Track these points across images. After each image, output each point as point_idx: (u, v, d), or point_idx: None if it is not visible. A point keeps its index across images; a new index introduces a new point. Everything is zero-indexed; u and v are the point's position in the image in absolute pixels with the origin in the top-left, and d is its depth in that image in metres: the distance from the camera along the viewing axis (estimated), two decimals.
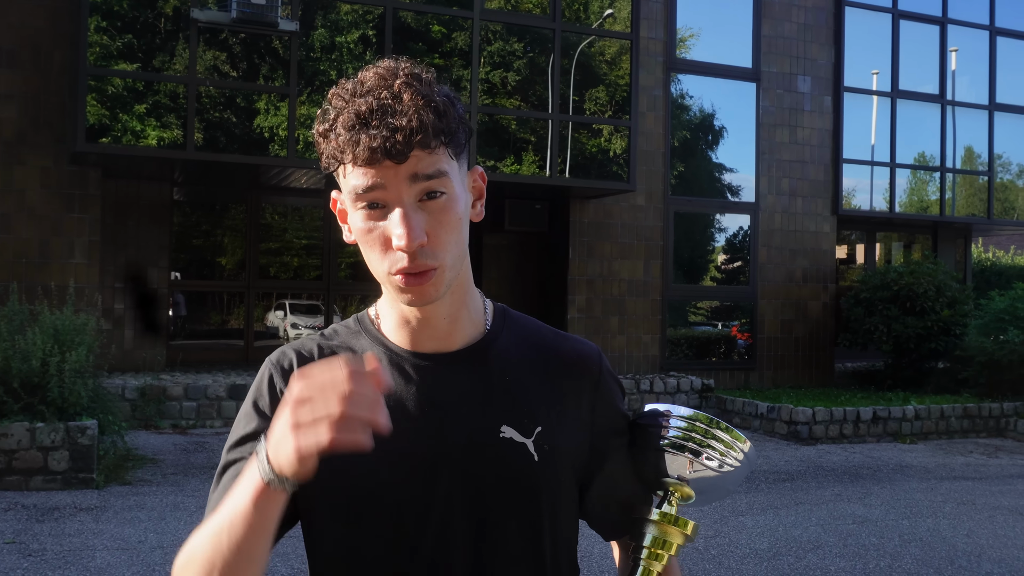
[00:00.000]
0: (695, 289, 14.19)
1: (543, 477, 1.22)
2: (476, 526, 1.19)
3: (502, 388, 1.24)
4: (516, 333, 1.30)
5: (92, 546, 5.49)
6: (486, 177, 1.26)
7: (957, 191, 15.37)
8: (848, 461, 9.29)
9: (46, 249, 10.30)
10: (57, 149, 10.28)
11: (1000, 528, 6.65)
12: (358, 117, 1.10)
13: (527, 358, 1.29)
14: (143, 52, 9.79)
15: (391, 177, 1.11)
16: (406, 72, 1.14)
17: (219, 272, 12.87)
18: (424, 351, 1.24)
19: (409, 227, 1.10)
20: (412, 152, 1.09)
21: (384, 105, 1.10)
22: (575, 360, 1.32)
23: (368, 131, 1.09)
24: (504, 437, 1.21)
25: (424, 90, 1.12)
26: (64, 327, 7.26)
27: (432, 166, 1.12)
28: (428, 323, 1.22)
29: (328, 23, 10.38)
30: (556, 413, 1.26)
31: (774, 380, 13.50)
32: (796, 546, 6.00)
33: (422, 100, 1.11)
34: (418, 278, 1.13)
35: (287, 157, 10.12)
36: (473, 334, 1.26)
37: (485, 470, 1.20)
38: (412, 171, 1.11)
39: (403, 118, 1.09)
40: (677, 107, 13.48)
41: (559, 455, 1.24)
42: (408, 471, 1.18)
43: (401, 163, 1.10)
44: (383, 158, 1.09)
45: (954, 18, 14.88)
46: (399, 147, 1.08)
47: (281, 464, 1.01)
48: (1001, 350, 11.70)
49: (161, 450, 8.35)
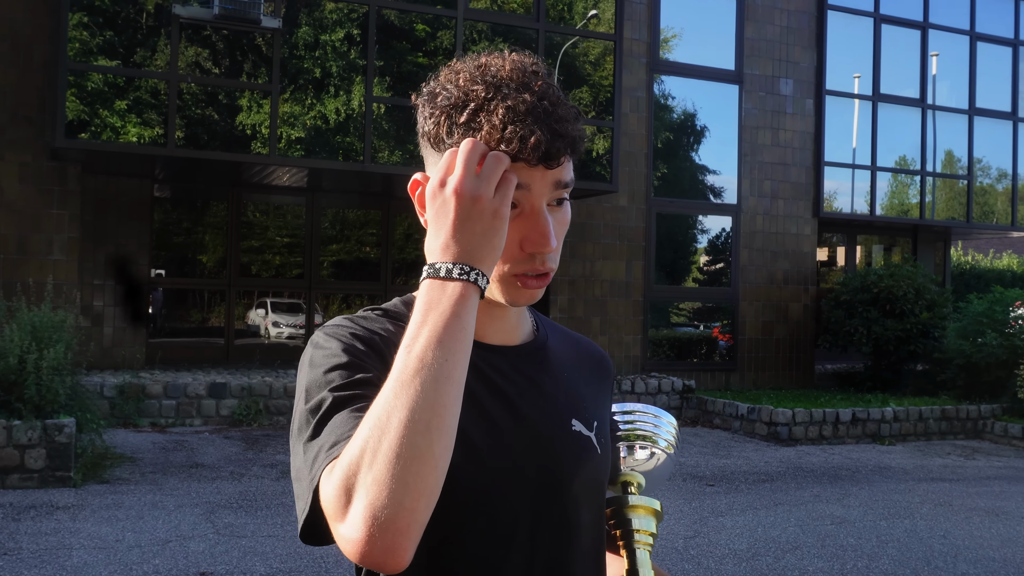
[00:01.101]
0: (677, 290, 14.23)
1: (604, 470, 1.28)
2: (559, 517, 1.19)
3: (563, 383, 1.26)
4: (553, 332, 1.33)
5: (69, 545, 5.45)
6: None
7: (937, 194, 15.49)
8: (827, 462, 9.34)
9: (25, 245, 10.21)
10: (36, 144, 10.20)
11: (976, 529, 6.71)
12: (526, 113, 1.07)
13: (571, 357, 1.32)
14: (124, 48, 9.72)
15: (538, 179, 1.10)
16: (542, 72, 1.13)
17: (200, 270, 12.80)
18: (492, 343, 1.22)
19: (553, 232, 1.12)
20: (563, 158, 1.10)
21: (546, 107, 1.08)
22: (600, 360, 1.39)
23: (537, 129, 1.06)
24: (575, 430, 1.23)
25: (563, 96, 1.12)
26: (42, 324, 7.20)
27: (569, 175, 1.13)
28: (503, 317, 1.23)
29: (312, 21, 10.35)
30: (599, 410, 1.31)
31: (755, 381, 13.56)
32: (775, 547, 6.03)
33: (570, 108, 1.11)
34: (540, 280, 1.15)
35: (269, 155, 10.07)
36: (527, 331, 1.28)
37: (562, 461, 1.20)
38: (557, 177, 1.11)
39: (567, 124, 1.09)
40: (660, 108, 13.52)
41: (608, 451, 1.29)
42: (496, 464, 1.15)
43: (552, 168, 1.10)
44: (542, 160, 1.08)
45: (935, 23, 14.99)
46: (558, 152, 1.08)
47: (481, 244, 1.04)
48: (979, 353, 11.80)
49: (140, 448, 8.30)
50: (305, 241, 12.78)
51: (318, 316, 12.64)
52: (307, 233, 12.75)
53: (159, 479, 7.22)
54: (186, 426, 9.50)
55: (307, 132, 10.29)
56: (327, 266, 12.98)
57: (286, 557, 5.34)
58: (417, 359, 0.98)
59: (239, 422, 9.63)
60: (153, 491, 6.83)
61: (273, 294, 12.93)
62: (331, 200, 12.95)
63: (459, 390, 0.99)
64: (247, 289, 12.66)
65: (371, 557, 0.94)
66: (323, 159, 10.42)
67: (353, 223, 13.45)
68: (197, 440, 8.84)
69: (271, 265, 12.98)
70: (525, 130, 1.05)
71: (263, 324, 12.80)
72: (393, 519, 0.92)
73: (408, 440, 0.94)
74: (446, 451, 0.97)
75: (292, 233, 13.05)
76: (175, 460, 7.92)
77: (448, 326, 1.00)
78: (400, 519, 0.93)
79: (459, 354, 1.00)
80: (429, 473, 0.94)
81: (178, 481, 7.18)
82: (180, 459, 7.97)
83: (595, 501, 1.25)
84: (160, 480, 7.19)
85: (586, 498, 1.22)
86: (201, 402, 9.63)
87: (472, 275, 1.03)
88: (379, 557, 0.94)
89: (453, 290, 1.02)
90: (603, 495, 1.28)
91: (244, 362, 11.86)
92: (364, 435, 0.95)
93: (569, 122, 1.10)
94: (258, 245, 12.85)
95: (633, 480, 1.42)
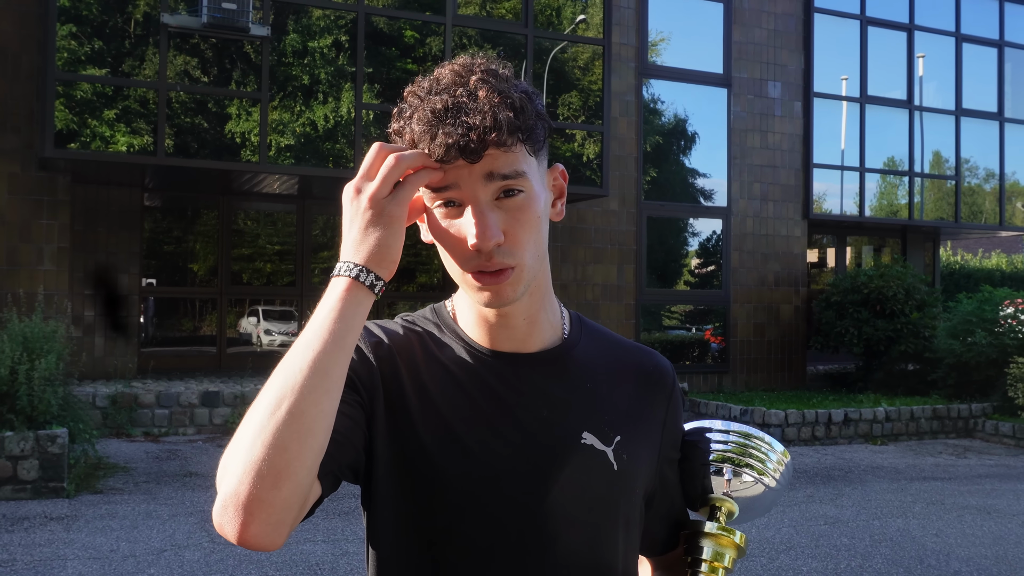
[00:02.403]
0: (668, 293, 14.27)
1: (621, 487, 1.21)
2: (550, 531, 1.16)
3: (583, 394, 1.22)
4: (594, 341, 1.29)
5: (63, 556, 5.44)
6: (567, 175, 1.23)
7: (925, 195, 15.57)
8: (820, 463, 9.37)
9: (14, 255, 10.18)
10: (25, 154, 10.18)
11: (968, 528, 6.74)
12: (433, 115, 1.08)
13: (606, 367, 1.27)
14: (113, 57, 9.71)
15: (465, 176, 1.09)
16: (482, 68, 1.11)
17: (191, 278, 12.78)
18: (503, 350, 1.21)
19: (484, 226, 1.08)
20: (487, 151, 1.07)
21: (459, 103, 1.08)
22: (652, 373, 1.31)
23: (443, 129, 1.07)
24: (585, 443, 1.19)
25: (500, 86, 1.10)
26: (33, 334, 7.18)
27: (509, 165, 1.09)
28: (507, 323, 1.20)
29: (300, 28, 10.36)
30: (633, 425, 1.25)
31: (747, 383, 13.60)
32: (769, 547, 6.05)
33: (498, 97, 1.08)
34: (494, 277, 1.11)
35: (259, 162, 10.07)
36: (552, 338, 1.24)
37: (564, 474, 1.17)
38: (487, 170, 1.09)
39: (478, 116, 1.06)
40: (649, 112, 13.56)
41: (636, 467, 1.23)
42: (486, 469, 1.15)
43: (475, 162, 1.08)
44: (457, 156, 1.07)
45: (921, 25, 15.09)
46: (473, 145, 1.06)
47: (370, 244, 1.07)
48: (969, 352, 11.86)
49: (133, 458, 8.27)
50: (296, 248, 12.77)
51: None
52: (298, 240, 12.74)
53: (153, 488, 7.20)
54: (179, 435, 9.48)
55: (297, 139, 10.29)
56: (318, 273, 12.98)
57: (281, 565, 5.33)
58: (292, 349, 1.05)
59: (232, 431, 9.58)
60: (147, 500, 6.81)
61: (265, 302, 12.92)
62: (322, 207, 12.95)
63: (328, 382, 1.02)
64: (239, 297, 12.65)
65: (224, 534, 1.00)
66: (313, 166, 10.42)
67: None
68: (190, 449, 8.82)
69: (262, 273, 12.97)
70: (432, 130, 1.07)
71: (255, 332, 12.79)
72: (236, 498, 0.98)
73: (259, 422, 1.00)
74: (298, 436, 0.99)
75: (283, 241, 13.05)
76: (169, 469, 7.90)
77: (324, 320, 1.05)
78: (245, 498, 0.97)
79: (331, 346, 1.03)
80: (276, 455, 0.98)
81: (172, 490, 7.16)
82: (174, 468, 7.95)
83: (603, 518, 1.20)
84: (154, 490, 7.17)
85: (588, 514, 1.18)
86: (194, 411, 9.61)
87: (355, 271, 1.07)
88: (232, 535, 0.99)
89: (335, 286, 1.08)
90: (620, 513, 1.21)
91: (237, 370, 11.85)
92: None
93: (496, 111, 1.07)
94: (249, 253, 12.84)
95: (722, 505, 1.32)
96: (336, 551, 5.64)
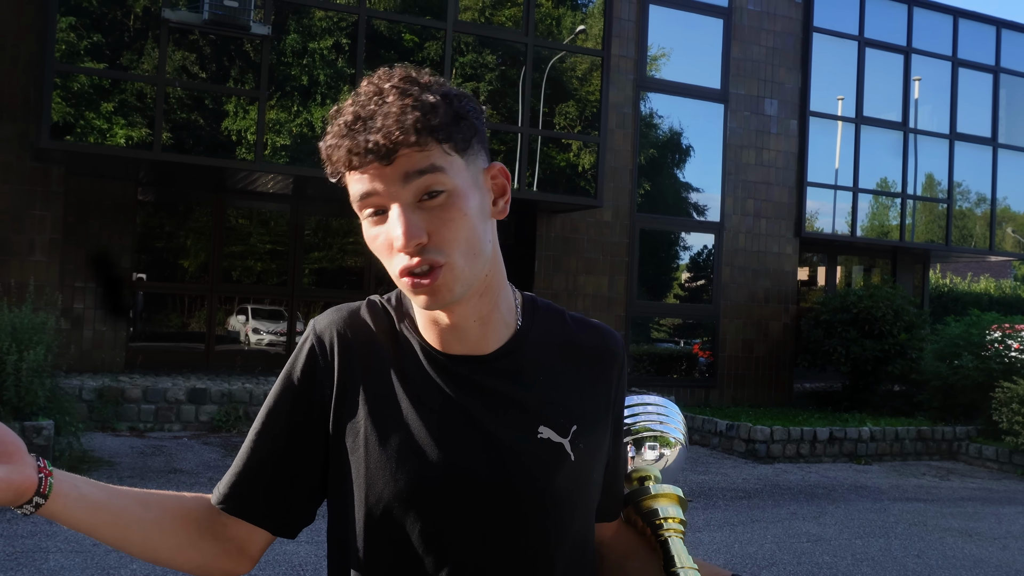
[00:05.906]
0: (658, 306, 14.30)
1: (579, 476, 1.22)
2: (513, 530, 1.17)
3: (536, 387, 1.22)
4: (545, 325, 1.28)
5: (45, 548, 5.41)
6: (508, 173, 1.20)
7: (917, 217, 15.65)
8: (804, 480, 9.40)
9: (5, 245, 10.14)
10: (20, 144, 10.15)
11: (949, 550, 6.77)
12: (345, 125, 1.09)
13: (557, 350, 1.27)
14: (111, 50, 9.70)
15: (382, 180, 1.09)
16: (400, 76, 1.12)
17: (182, 274, 12.75)
18: (455, 353, 1.21)
19: (405, 227, 1.08)
20: (399, 152, 1.07)
21: (370, 110, 1.09)
22: (603, 346, 1.31)
23: (354, 137, 1.08)
24: (542, 438, 1.19)
25: (412, 89, 1.10)
26: (22, 325, 7.15)
27: (424, 162, 1.08)
28: (457, 326, 1.19)
29: (301, 28, 10.37)
30: (589, 405, 1.26)
31: (734, 398, 13.63)
32: (751, 563, 6.07)
33: (408, 99, 1.08)
34: (425, 278, 1.10)
35: (254, 161, 10.07)
36: (506, 335, 1.23)
37: (523, 472, 1.17)
38: (403, 170, 1.08)
39: (388, 118, 1.07)
40: (646, 125, 13.61)
41: (592, 452, 1.24)
42: (441, 476, 1.16)
43: (387, 164, 1.07)
44: (370, 160, 1.07)
45: (918, 48, 15.19)
46: (381, 147, 1.06)
47: None
48: (955, 375, 11.91)
49: (118, 453, 8.24)
50: (288, 248, 12.76)
51: (299, 323, 12.61)
52: (290, 240, 12.73)
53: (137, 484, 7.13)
54: (165, 431, 9.45)
55: (293, 139, 10.29)
56: (309, 274, 12.97)
57: (264, 565, 5.33)
58: None
59: (218, 428, 9.59)
60: None
61: (254, 300, 12.89)
62: (315, 208, 12.94)
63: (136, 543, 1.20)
64: (228, 295, 12.62)
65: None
66: (308, 167, 10.42)
67: (336, 231, 13.44)
68: (176, 445, 8.80)
69: (253, 271, 12.95)
70: (341, 140, 1.09)
71: (244, 330, 12.76)
72: None
73: None
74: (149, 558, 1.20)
75: (275, 240, 13.03)
76: (153, 465, 7.88)
77: None
78: None
79: None
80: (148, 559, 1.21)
81: (156, 486, 7.12)
82: (159, 464, 7.93)
83: (558, 512, 1.19)
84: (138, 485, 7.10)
85: (541, 510, 1.18)
86: (180, 407, 9.58)
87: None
88: None
89: None
90: (576, 503, 1.22)
91: (224, 368, 11.82)
92: None
93: (405, 111, 1.07)
94: (241, 251, 12.82)
95: (649, 474, 1.38)
96: (320, 552, 5.63)
